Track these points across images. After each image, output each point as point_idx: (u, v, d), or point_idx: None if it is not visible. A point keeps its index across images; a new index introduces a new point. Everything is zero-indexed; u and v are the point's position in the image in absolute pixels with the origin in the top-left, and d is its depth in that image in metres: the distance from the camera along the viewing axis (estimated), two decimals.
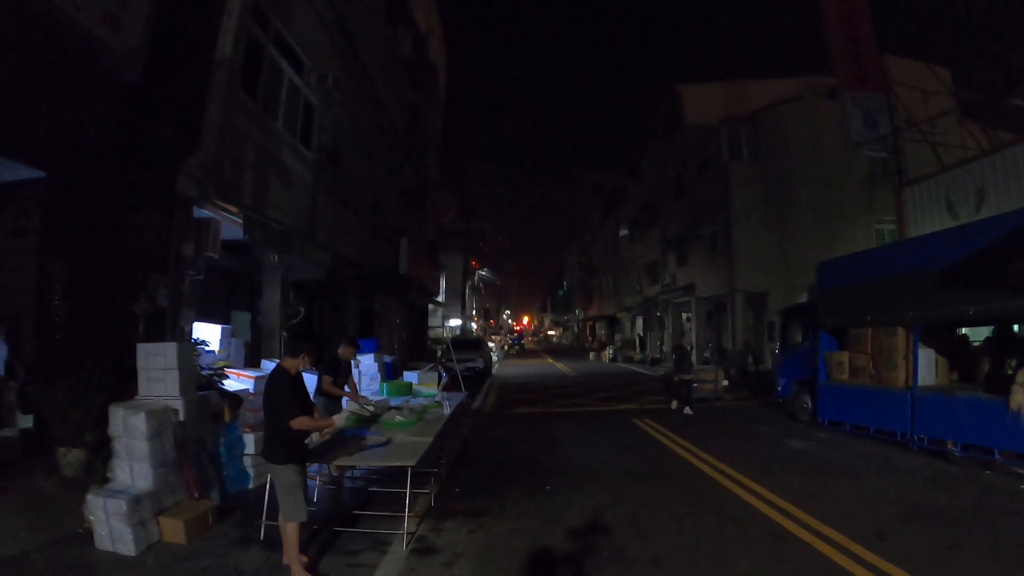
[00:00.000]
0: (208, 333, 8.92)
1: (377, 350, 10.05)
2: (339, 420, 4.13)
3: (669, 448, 8.51)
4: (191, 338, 7.97)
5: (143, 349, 5.71)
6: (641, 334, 35.25)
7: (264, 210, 9.27)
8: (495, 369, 26.75)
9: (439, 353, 22.02)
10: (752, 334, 22.52)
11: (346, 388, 6.98)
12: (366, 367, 9.58)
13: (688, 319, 29.40)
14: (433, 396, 7.74)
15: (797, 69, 31.36)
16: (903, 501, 5.78)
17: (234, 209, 8.22)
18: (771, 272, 21.69)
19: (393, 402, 7.05)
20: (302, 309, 11.08)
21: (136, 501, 4.73)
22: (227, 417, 6.30)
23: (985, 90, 19.24)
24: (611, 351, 33.19)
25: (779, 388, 11.27)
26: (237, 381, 8.51)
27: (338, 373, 6.98)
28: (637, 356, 31.21)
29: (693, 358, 13.30)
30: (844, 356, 9.31)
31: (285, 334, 11.12)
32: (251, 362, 10.01)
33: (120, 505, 4.64)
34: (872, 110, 14.72)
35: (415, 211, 21.98)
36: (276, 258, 10.95)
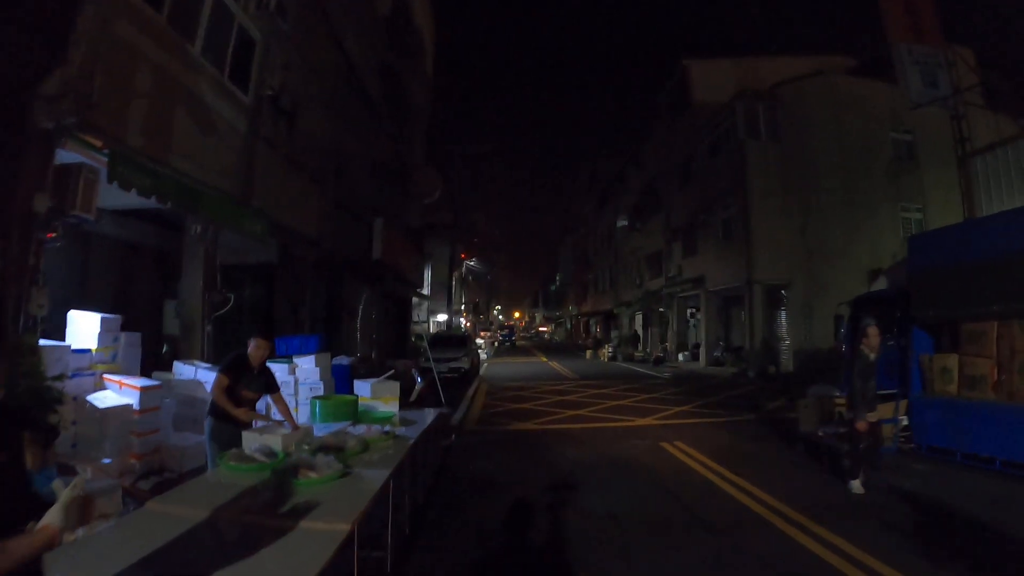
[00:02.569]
0: (86, 324, 6.46)
1: (319, 349, 7.46)
2: (53, 517, 1.45)
3: (724, 491, 6.06)
4: (43, 330, 5.61)
5: None
6: (640, 331, 32.89)
7: (164, 157, 6.78)
8: (483, 369, 24.23)
9: (423, 350, 19.55)
10: (768, 331, 20.24)
11: (264, 410, 4.58)
12: (305, 373, 7.04)
13: (692, 314, 27.09)
14: (389, 418, 5.29)
15: (807, 51, 29.00)
16: None
17: (98, 143, 5.72)
18: (792, 262, 19.41)
19: (320, 431, 4.59)
20: (231, 296, 8.57)
21: None
22: (32, 462, 3.82)
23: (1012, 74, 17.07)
24: (609, 349, 30.78)
25: None
26: (119, 393, 6.23)
27: (241, 380, 4.59)
28: (638, 354, 28.88)
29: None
30: (952, 360, 6.91)
31: (209, 328, 8.66)
32: (158, 365, 7.66)
33: None
34: (930, 66, 12.36)
35: (394, 191, 19.47)
36: (198, 229, 8.53)
